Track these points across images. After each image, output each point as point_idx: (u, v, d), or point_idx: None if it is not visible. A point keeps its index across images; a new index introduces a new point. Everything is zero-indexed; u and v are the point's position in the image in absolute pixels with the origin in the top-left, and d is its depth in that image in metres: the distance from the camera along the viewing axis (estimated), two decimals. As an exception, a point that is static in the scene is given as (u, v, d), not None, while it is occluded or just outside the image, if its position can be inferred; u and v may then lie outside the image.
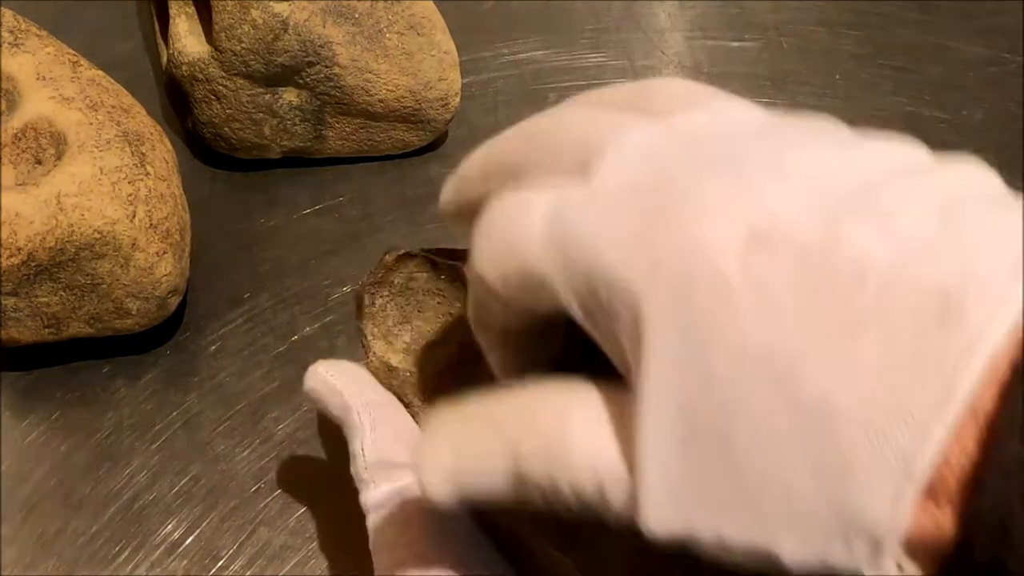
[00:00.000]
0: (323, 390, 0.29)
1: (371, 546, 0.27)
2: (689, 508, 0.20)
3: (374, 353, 0.30)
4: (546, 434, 0.21)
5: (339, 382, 0.29)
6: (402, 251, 0.31)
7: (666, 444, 0.20)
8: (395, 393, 0.30)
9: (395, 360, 0.30)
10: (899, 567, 0.18)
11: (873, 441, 0.18)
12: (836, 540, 0.18)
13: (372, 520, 0.27)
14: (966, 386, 0.17)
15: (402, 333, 0.31)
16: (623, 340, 0.21)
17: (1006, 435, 0.17)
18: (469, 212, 0.25)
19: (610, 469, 0.20)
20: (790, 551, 0.19)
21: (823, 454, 0.18)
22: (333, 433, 0.38)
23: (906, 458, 0.17)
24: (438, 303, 0.31)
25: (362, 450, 0.28)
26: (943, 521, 0.18)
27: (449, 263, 0.30)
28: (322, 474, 0.37)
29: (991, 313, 0.17)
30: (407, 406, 0.29)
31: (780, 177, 0.20)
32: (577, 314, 0.22)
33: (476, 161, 0.25)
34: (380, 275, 0.31)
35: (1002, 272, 0.18)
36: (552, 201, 0.22)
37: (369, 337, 0.30)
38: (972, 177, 0.21)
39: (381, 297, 0.31)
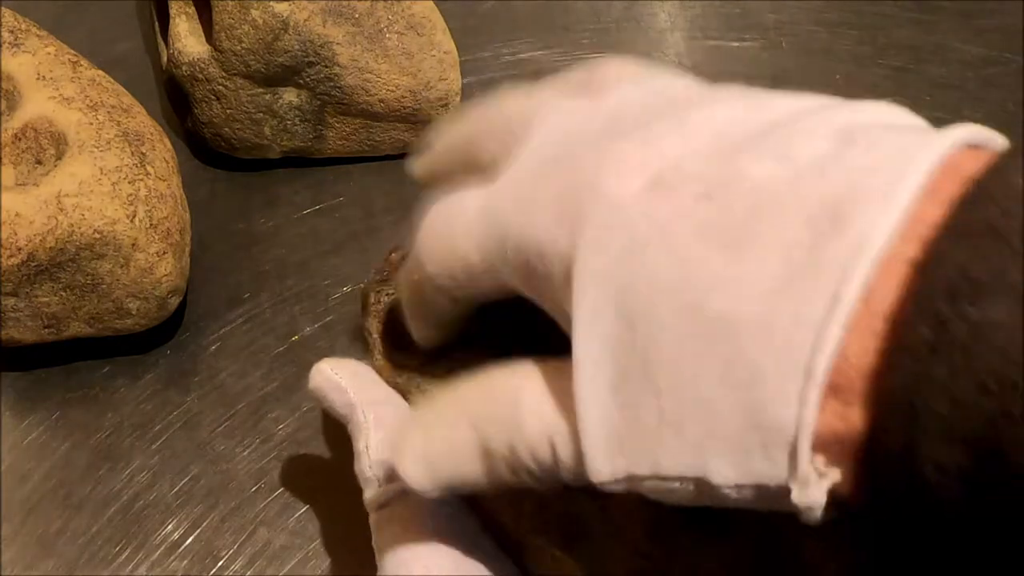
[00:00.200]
0: (328, 388, 0.29)
1: (374, 544, 0.27)
2: (627, 447, 0.21)
3: (379, 350, 0.30)
4: (502, 406, 0.23)
5: (344, 380, 0.29)
6: (406, 250, 0.31)
7: (599, 390, 0.21)
8: (400, 389, 0.30)
9: (400, 357, 0.30)
10: (816, 470, 0.19)
11: (775, 348, 0.18)
12: (756, 452, 0.19)
13: (375, 519, 0.28)
14: (856, 285, 0.18)
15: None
16: (564, 305, 0.22)
17: (916, 320, 0.17)
18: (437, 179, 0.28)
19: (558, 428, 0.22)
20: (718, 471, 0.20)
21: (732, 367, 0.19)
22: (333, 433, 0.38)
23: (806, 359, 0.18)
24: None
25: (366, 448, 0.28)
26: (852, 417, 0.18)
27: None
28: (322, 474, 0.37)
29: (877, 214, 0.18)
30: (411, 402, 0.29)
31: (683, 131, 0.22)
32: (524, 290, 0.24)
33: (442, 139, 0.29)
34: (385, 273, 0.31)
35: (890, 179, 0.19)
36: (482, 195, 0.24)
37: (374, 335, 0.30)
38: (881, 110, 0.22)
39: (386, 295, 0.31)
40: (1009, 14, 0.53)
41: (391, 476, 0.28)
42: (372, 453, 0.28)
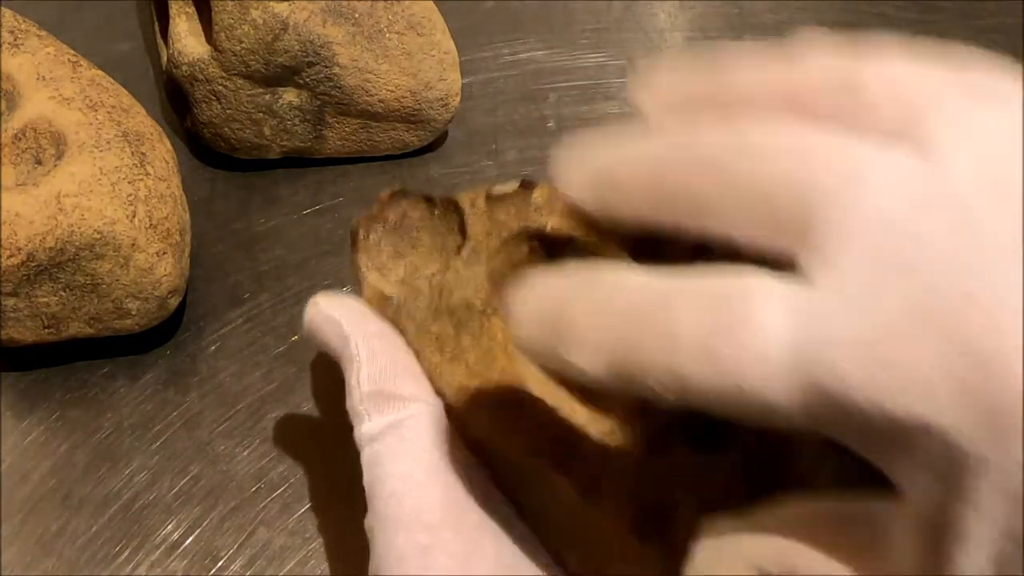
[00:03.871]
0: (321, 321, 0.29)
1: (365, 482, 0.27)
2: None
3: (368, 283, 0.30)
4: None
5: (338, 313, 0.29)
6: (397, 188, 0.31)
7: None
8: (389, 320, 0.30)
9: (389, 290, 0.30)
10: None
11: None
12: None
13: (367, 454, 0.27)
14: None
15: (396, 267, 0.31)
16: (914, 473, 0.18)
17: None
18: (604, 223, 0.21)
19: None
20: None
21: None
22: (332, 432, 0.38)
23: None
24: (431, 238, 0.31)
25: (358, 383, 0.28)
26: None
27: (443, 197, 0.30)
28: (322, 474, 0.37)
29: None
30: (401, 333, 0.29)
31: None
32: (829, 434, 0.19)
33: (637, 176, 0.20)
34: (375, 211, 0.31)
35: None
36: (785, 316, 0.17)
37: (363, 269, 0.30)
38: None
39: (375, 232, 0.31)
40: (1009, 14, 0.53)
41: (382, 409, 0.27)
42: (363, 386, 0.27)
